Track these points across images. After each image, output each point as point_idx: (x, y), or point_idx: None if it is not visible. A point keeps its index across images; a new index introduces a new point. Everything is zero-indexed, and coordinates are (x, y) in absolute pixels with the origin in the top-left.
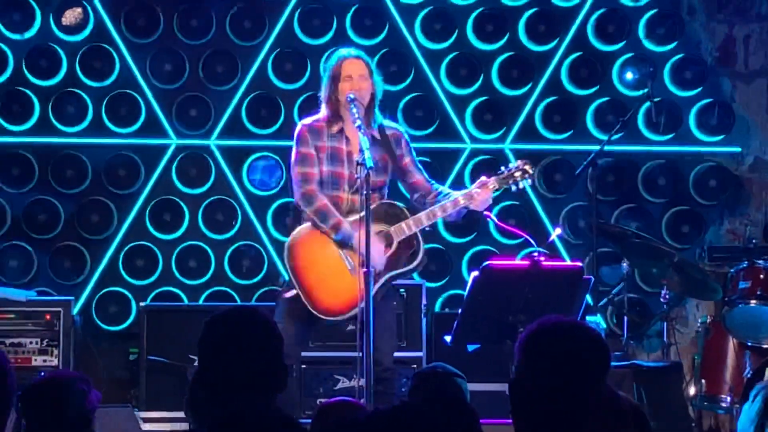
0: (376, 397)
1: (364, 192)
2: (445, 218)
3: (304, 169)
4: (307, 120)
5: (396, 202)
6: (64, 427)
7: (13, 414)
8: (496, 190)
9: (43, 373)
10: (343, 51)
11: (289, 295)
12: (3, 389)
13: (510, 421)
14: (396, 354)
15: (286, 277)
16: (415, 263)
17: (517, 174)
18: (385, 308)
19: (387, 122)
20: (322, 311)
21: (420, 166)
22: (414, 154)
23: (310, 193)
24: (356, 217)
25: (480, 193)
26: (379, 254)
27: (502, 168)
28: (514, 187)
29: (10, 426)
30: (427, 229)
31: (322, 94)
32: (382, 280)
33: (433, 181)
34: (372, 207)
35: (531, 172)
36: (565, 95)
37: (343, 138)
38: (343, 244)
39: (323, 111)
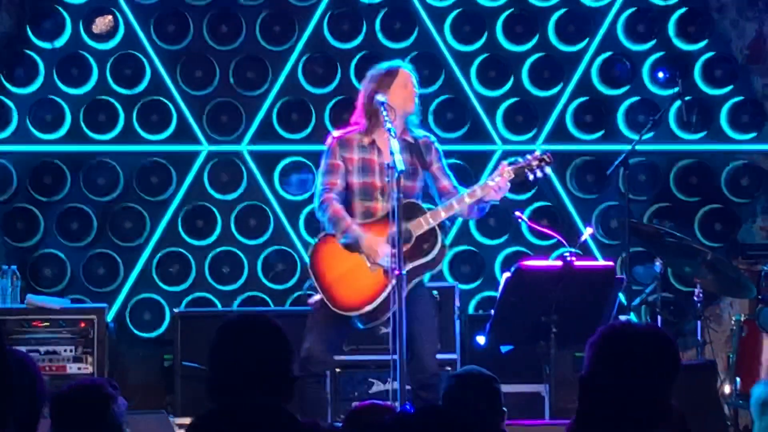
0: (420, 403)
1: (395, 196)
2: (465, 213)
3: (327, 178)
4: (338, 132)
5: (415, 201)
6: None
7: (47, 421)
8: (513, 179)
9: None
10: (397, 61)
11: (312, 300)
12: (32, 395)
13: (543, 422)
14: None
15: (312, 281)
16: (431, 256)
17: (535, 163)
18: (424, 313)
19: (419, 130)
20: (342, 307)
21: (449, 173)
22: (444, 161)
23: (326, 201)
24: (368, 221)
25: (495, 182)
26: (386, 251)
27: (519, 158)
28: (531, 176)
29: None
30: (447, 223)
31: (361, 102)
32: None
33: (460, 187)
34: (388, 209)
35: (549, 160)
36: (596, 95)
37: (374, 149)
38: (352, 246)
39: (362, 119)
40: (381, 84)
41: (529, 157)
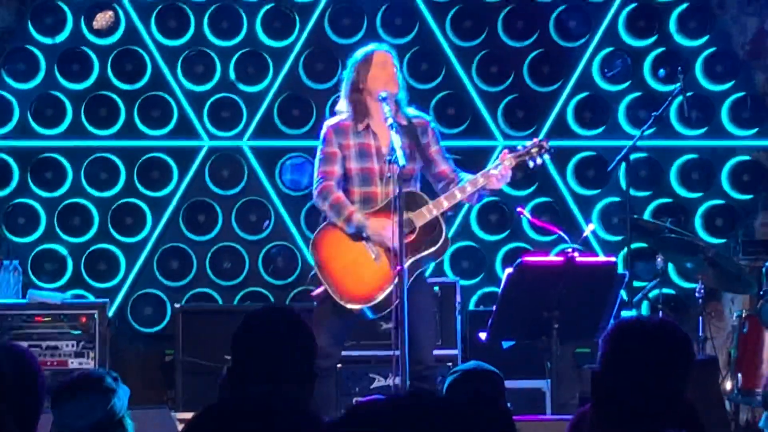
0: None
1: (397, 190)
2: (466, 200)
3: (324, 167)
4: (332, 120)
5: (417, 191)
6: (95, 425)
7: (49, 416)
8: (514, 167)
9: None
10: (372, 45)
11: (317, 293)
12: (33, 389)
13: (544, 417)
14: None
15: (315, 272)
16: (436, 246)
17: (534, 150)
18: (423, 305)
19: (414, 111)
20: (348, 299)
21: (447, 156)
22: (441, 144)
23: (326, 188)
24: (369, 210)
25: (498, 171)
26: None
27: (520, 145)
28: (531, 163)
29: (47, 427)
30: (449, 213)
31: (344, 91)
32: (405, 265)
33: (458, 170)
34: (391, 196)
35: (547, 147)
36: (597, 91)
37: (369, 134)
38: (358, 236)
39: (346, 108)
40: (360, 72)
41: (528, 144)
